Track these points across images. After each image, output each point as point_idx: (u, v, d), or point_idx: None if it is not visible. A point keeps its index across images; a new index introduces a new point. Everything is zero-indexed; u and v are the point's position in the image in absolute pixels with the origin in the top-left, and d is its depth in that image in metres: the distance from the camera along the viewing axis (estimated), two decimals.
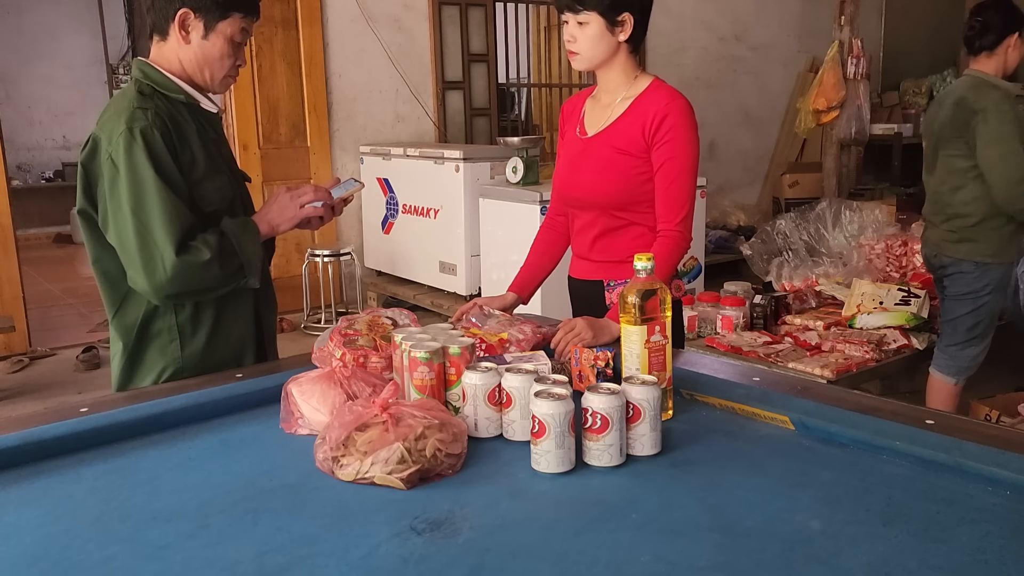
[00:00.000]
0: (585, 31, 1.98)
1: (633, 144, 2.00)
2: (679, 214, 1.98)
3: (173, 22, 1.75)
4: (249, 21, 1.80)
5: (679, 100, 2.01)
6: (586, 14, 1.96)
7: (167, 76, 1.79)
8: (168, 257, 1.66)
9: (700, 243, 5.41)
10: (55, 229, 10.11)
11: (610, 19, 1.96)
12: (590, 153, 2.06)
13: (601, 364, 1.57)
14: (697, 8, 7.64)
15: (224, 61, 1.79)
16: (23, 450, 1.32)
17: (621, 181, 2.01)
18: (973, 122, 2.97)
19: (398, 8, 6.11)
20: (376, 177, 5.75)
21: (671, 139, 1.96)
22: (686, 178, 1.98)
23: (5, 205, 5.15)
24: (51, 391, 4.59)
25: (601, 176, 2.04)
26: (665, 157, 1.97)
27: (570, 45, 2.02)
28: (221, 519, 1.14)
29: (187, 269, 1.68)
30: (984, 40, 3.08)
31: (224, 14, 1.75)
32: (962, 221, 3.09)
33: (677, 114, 1.97)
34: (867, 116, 6.49)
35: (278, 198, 1.85)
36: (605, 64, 2.03)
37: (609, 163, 2.02)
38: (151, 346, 1.81)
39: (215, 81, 1.81)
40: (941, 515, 1.10)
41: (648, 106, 2.00)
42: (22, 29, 9.92)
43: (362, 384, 1.47)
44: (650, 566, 1.00)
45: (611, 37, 1.98)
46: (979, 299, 3.13)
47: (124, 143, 1.67)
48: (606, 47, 1.99)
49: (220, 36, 1.76)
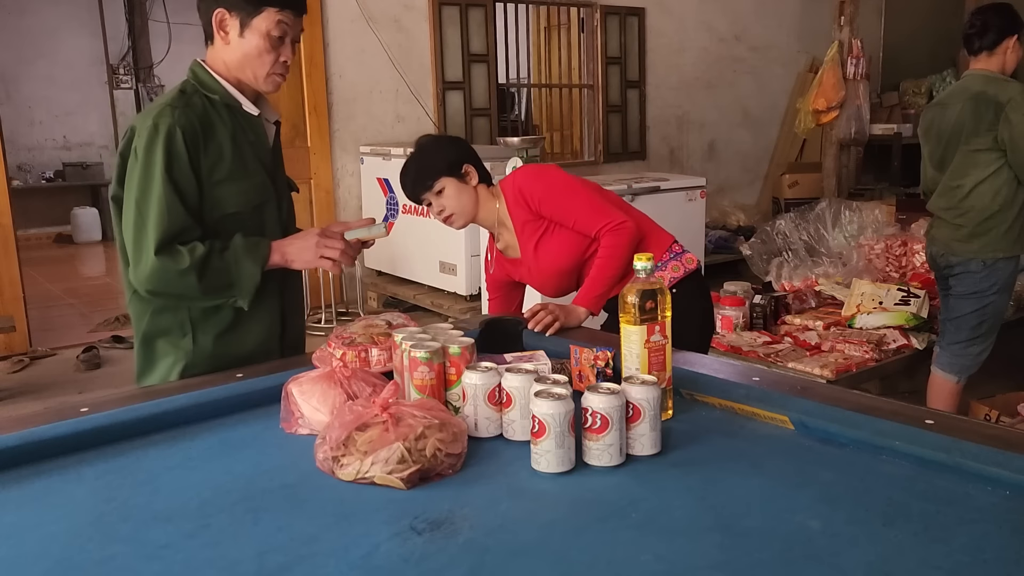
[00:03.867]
0: (445, 196, 2.22)
1: (538, 225, 2.24)
2: (598, 216, 2.19)
3: (213, 24, 1.77)
4: (288, 15, 1.77)
5: (517, 173, 2.31)
6: (438, 183, 2.20)
7: (213, 76, 1.80)
8: (149, 254, 1.69)
9: (700, 243, 5.41)
10: (55, 229, 10.11)
11: (457, 175, 2.22)
12: (533, 262, 2.29)
13: (601, 364, 1.57)
14: (697, 8, 7.64)
15: (264, 58, 1.77)
16: (23, 450, 1.32)
17: (564, 249, 2.24)
18: (1004, 113, 2.98)
19: (398, 8, 6.11)
20: (376, 177, 5.75)
21: (537, 194, 2.22)
22: (575, 197, 2.22)
23: (5, 205, 5.15)
24: (51, 391, 4.59)
25: (552, 263, 2.26)
26: (550, 207, 2.22)
27: (443, 214, 2.24)
28: (221, 519, 1.14)
29: (162, 271, 1.70)
30: (984, 40, 3.09)
31: (256, 9, 1.74)
32: (977, 215, 3.09)
33: (523, 181, 2.26)
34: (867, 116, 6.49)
35: (306, 237, 1.82)
36: (476, 208, 2.26)
37: (546, 252, 2.25)
38: (163, 337, 1.84)
39: (259, 80, 1.80)
40: (941, 515, 1.10)
41: (511, 200, 2.26)
42: (22, 29, 9.92)
43: (362, 384, 1.47)
44: (650, 566, 1.01)
45: (467, 187, 2.24)
46: (985, 298, 3.14)
47: (147, 137, 1.70)
48: (468, 196, 2.24)
49: (255, 32, 1.75)
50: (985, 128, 3.04)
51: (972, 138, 3.09)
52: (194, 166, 1.73)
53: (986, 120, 3.03)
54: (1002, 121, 2.99)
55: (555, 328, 1.94)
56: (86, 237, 10.03)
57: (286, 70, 1.82)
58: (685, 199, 5.19)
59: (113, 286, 8.00)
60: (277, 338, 1.91)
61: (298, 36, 1.83)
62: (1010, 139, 2.99)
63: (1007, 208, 3.06)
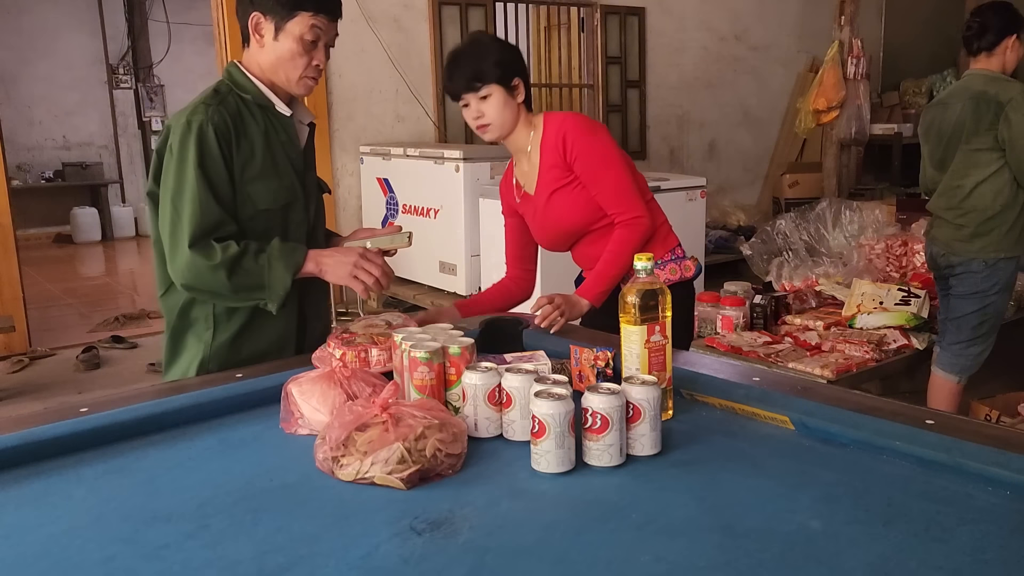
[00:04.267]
0: (490, 103, 2.15)
1: (562, 174, 2.18)
2: (625, 201, 2.16)
3: (249, 27, 1.80)
4: (322, 19, 1.78)
5: (568, 116, 2.21)
6: (486, 88, 2.13)
7: (247, 77, 1.83)
8: (183, 248, 1.72)
9: (700, 243, 5.41)
10: (55, 229, 10.11)
11: (507, 86, 2.14)
12: (541, 205, 2.25)
13: (601, 364, 1.57)
14: (697, 8, 7.64)
15: (296, 61, 1.79)
16: (23, 450, 1.32)
17: (578, 208, 2.19)
18: (1005, 113, 2.98)
19: (398, 8, 6.11)
20: (376, 177, 5.75)
21: (579, 148, 2.15)
22: (612, 170, 2.16)
23: (5, 205, 5.15)
24: (51, 391, 4.59)
25: (561, 216, 2.22)
26: (584, 164, 2.15)
27: (479, 120, 2.17)
28: (221, 519, 1.14)
29: (195, 265, 1.72)
30: (982, 41, 3.09)
31: (290, 13, 1.76)
32: (978, 215, 3.09)
33: (571, 126, 2.16)
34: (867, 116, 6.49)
35: (347, 253, 1.82)
36: (513, 127, 2.20)
37: (559, 202, 2.20)
38: (190, 331, 1.87)
39: (291, 82, 1.82)
40: (941, 515, 1.10)
41: (549, 138, 2.18)
42: (22, 29, 9.92)
43: (362, 384, 1.47)
44: (650, 566, 1.00)
45: (512, 101, 2.16)
46: (986, 298, 3.14)
47: (181, 134, 1.73)
48: (512, 111, 2.17)
49: (289, 36, 1.77)
50: (985, 128, 3.04)
51: (972, 138, 3.09)
52: (227, 163, 1.76)
53: (986, 120, 3.03)
54: (1002, 120, 2.99)
55: (560, 325, 1.95)
56: (86, 237, 10.04)
57: (319, 74, 1.84)
58: (685, 199, 5.19)
59: (113, 286, 8.00)
60: (293, 340, 1.91)
61: (332, 40, 1.84)
62: (1009, 139, 2.99)
63: (1008, 208, 3.06)
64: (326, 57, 1.83)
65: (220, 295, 1.77)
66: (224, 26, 5.39)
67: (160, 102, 10.83)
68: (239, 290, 1.75)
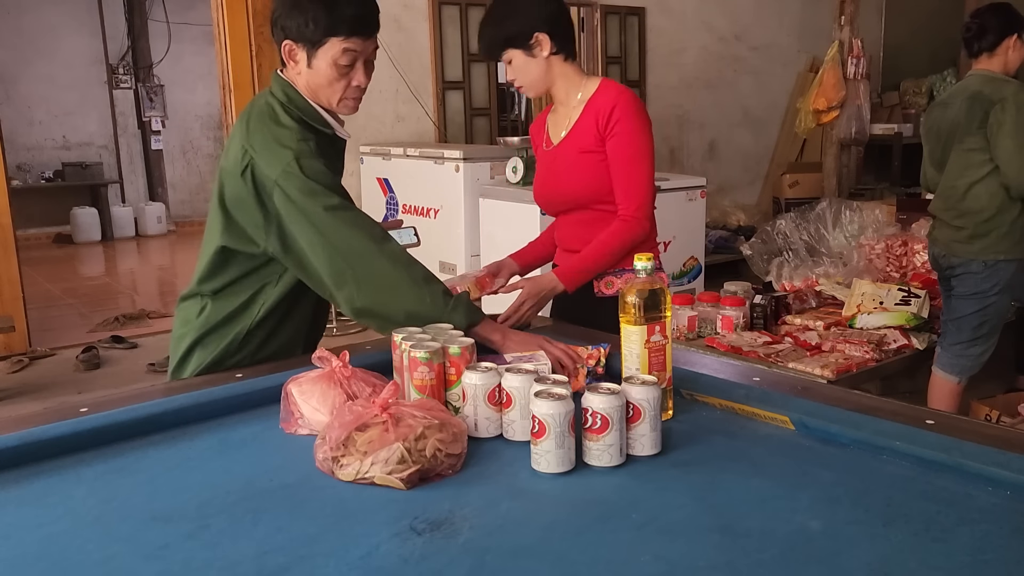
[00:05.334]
0: (514, 67, 2.13)
1: (594, 141, 2.12)
2: (636, 200, 2.12)
3: (283, 55, 1.77)
4: (355, 41, 1.71)
5: (626, 93, 2.13)
6: (505, 54, 2.12)
7: (310, 104, 1.77)
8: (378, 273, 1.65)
9: (700, 243, 5.41)
10: (55, 229, 10.12)
11: (523, 46, 2.10)
12: (559, 160, 2.21)
13: (592, 363, 1.58)
14: (697, 8, 7.64)
15: (334, 86, 1.74)
16: (23, 450, 1.32)
17: (594, 178, 2.14)
18: (992, 113, 2.98)
19: (398, 8, 6.11)
20: (376, 177, 5.75)
21: (620, 129, 2.09)
22: (639, 165, 2.13)
23: (5, 205, 5.15)
24: (51, 391, 4.59)
25: (573, 178, 2.18)
26: (616, 146, 2.10)
27: (512, 81, 2.17)
28: (221, 519, 1.14)
29: (392, 280, 1.65)
30: (982, 42, 3.09)
31: (321, 41, 1.71)
32: (976, 217, 3.09)
33: (624, 105, 2.09)
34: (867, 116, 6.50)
35: (534, 337, 1.70)
36: (549, 83, 2.16)
37: (577, 165, 2.16)
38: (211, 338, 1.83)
39: (333, 105, 1.78)
40: (941, 515, 1.10)
41: (599, 104, 2.12)
42: (22, 29, 9.92)
43: (362, 384, 1.47)
44: (650, 566, 1.00)
45: (535, 59, 2.12)
46: (986, 299, 3.13)
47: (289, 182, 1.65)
48: (537, 69, 2.13)
49: (323, 62, 1.72)
50: (976, 127, 3.04)
51: (966, 137, 3.09)
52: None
53: (977, 119, 3.04)
54: (991, 119, 2.99)
55: (531, 316, 1.99)
56: (85, 237, 10.04)
57: (361, 93, 1.79)
58: (685, 199, 5.19)
59: (113, 286, 8.00)
60: (303, 339, 1.91)
61: (372, 55, 1.77)
62: (994, 138, 2.99)
63: (1005, 210, 3.05)
64: (368, 73, 1.77)
65: (393, 320, 1.64)
66: (224, 26, 5.38)
67: (160, 102, 10.83)
68: (415, 318, 1.63)
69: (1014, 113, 2.96)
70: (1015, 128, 2.95)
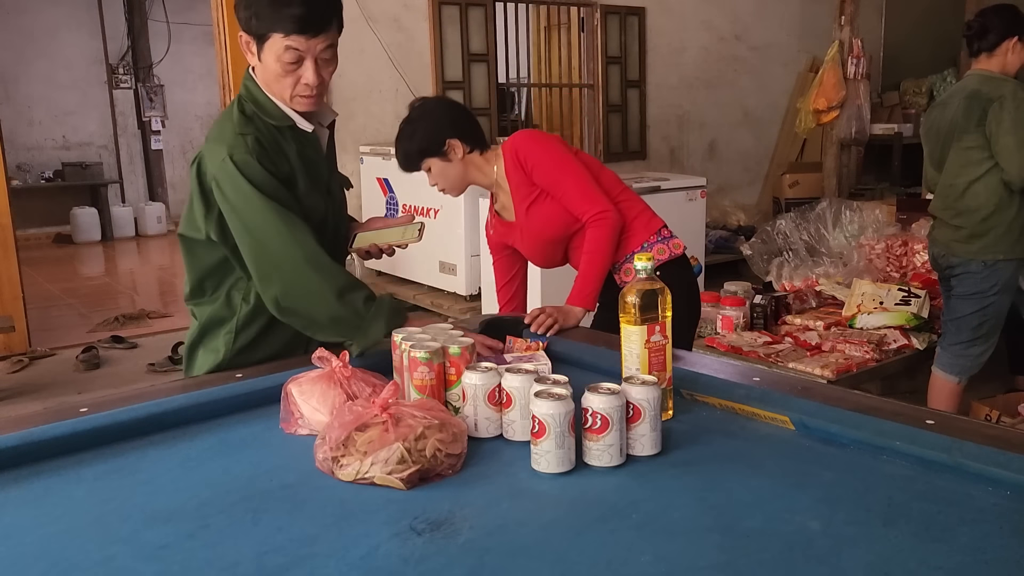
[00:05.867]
0: (434, 173, 2.26)
1: (531, 190, 2.25)
2: (586, 202, 2.21)
3: (241, 47, 1.76)
4: (297, 39, 1.67)
5: (515, 137, 2.29)
6: (423, 164, 2.24)
7: (267, 96, 1.77)
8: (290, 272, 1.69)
9: (700, 243, 5.41)
10: (55, 229, 10.11)
11: (438, 154, 2.23)
12: (522, 226, 2.32)
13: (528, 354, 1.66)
14: (697, 8, 7.64)
15: (282, 82, 1.73)
16: (23, 450, 1.32)
17: (555, 218, 2.25)
18: (990, 111, 2.98)
19: (398, 8, 6.11)
20: (376, 177, 5.75)
21: (531, 163, 2.22)
22: (566, 175, 2.23)
23: (5, 205, 5.14)
24: (51, 391, 4.59)
25: (543, 228, 2.28)
26: (540, 176, 2.23)
27: (437, 188, 2.30)
28: (221, 519, 1.14)
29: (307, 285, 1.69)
30: (983, 42, 3.09)
31: (264, 36, 1.70)
32: (974, 216, 3.09)
33: (519, 145, 2.24)
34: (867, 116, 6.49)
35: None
36: (468, 179, 2.29)
37: (537, 215, 2.27)
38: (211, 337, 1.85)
39: (287, 100, 1.77)
40: (941, 515, 1.10)
41: (508, 164, 2.26)
42: (22, 29, 9.92)
43: (362, 384, 1.47)
44: (650, 566, 1.00)
45: (451, 163, 2.24)
46: (986, 299, 3.13)
47: (228, 178, 1.69)
48: (455, 170, 2.26)
49: (269, 56, 1.71)
50: (974, 125, 3.04)
51: (964, 136, 3.09)
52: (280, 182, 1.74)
53: (975, 117, 3.04)
54: (989, 116, 2.99)
55: (555, 330, 1.96)
56: (85, 237, 10.04)
57: (312, 91, 1.75)
58: (685, 199, 5.19)
59: (113, 286, 8.00)
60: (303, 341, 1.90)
61: (324, 54, 1.73)
62: (994, 135, 2.99)
63: (1003, 209, 3.05)
64: (322, 71, 1.74)
65: (315, 323, 1.73)
66: (224, 26, 5.39)
67: (160, 102, 10.83)
68: (336, 323, 1.71)
69: (1012, 110, 2.96)
70: (1014, 124, 2.95)
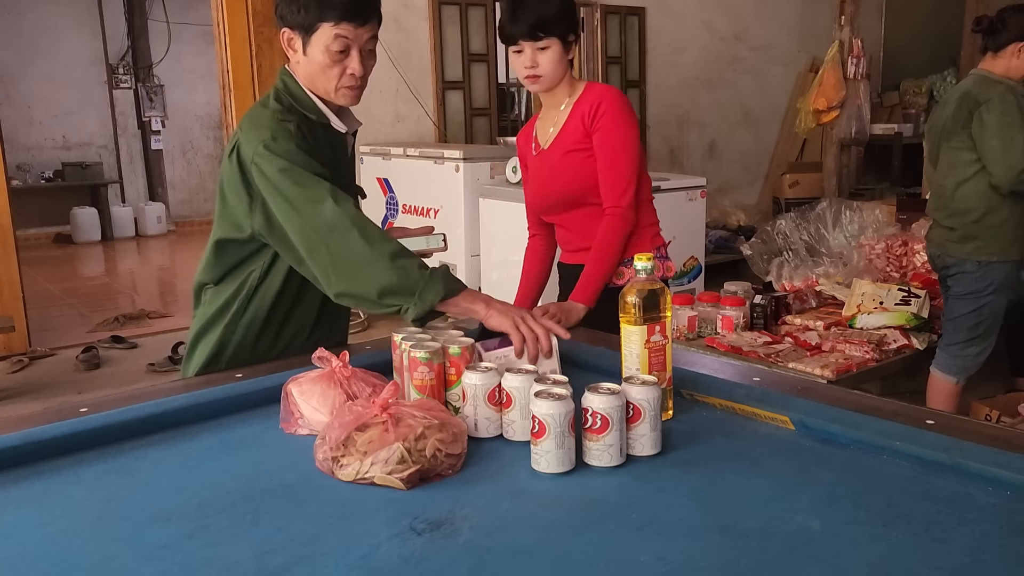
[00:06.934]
0: (546, 55, 2.13)
1: (583, 140, 2.17)
2: (618, 190, 2.16)
3: (283, 43, 1.78)
4: (346, 27, 1.70)
5: (610, 90, 2.20)
6: (548, 39, 2.11)
7: (305, 92, 1.79)
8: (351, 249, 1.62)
9: (700, 243, 5.41)
10: (55, 229, 10.12)
11: (566, 41, 2.14)
12: (550, 162, 2.24)
13: None
14: (697, 8, 7.64)
15: (328, 72, 1.74)
16: (23, 450, 1.32)
17: (586, 175, 2.18)
18: (976, 113, 2.98)
19: (398, 8, 6.11)
20: (376, 177, 5.75)
21: (605, 124, 2.14)
22: (624, 157, 2.16)
23: (5, 205, 5.15)
24: (51, 391, 4.59)
25: (567, 178, 2.22)
26: (602, 139, 2.15)
27: (531, 71, 2.15)
28: (221, 519, 1.14)
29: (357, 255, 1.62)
30: (991, 40, 3.07)
31: (312, 27, 1.72)
32: (965, 217, 3.09)
33: (609, 101, 2.15)
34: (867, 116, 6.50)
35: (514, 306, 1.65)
36: (559, 83, 2.19)
37: (569, 164, 2.20)
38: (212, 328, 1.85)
39: (330, 94, 1.78)
40: (941, 515, 1.10)
41: (585, 103, 2.18)
42: (22, 29, 9.92)
43: (362, 384, 1.47)
44: (650, 566, 1.00)
45: (564, 57, 2.16)
46: (981, 298, 3.13)
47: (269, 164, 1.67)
48: (564, 67, 2.17)
49: (316, 49, 1.73)
50: (961, 126, 3.04)
51: (952, 137, 3.09)
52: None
53: (962, 118, 3.04)
54: (975, 119, 2.98)
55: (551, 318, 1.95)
56: (85, 237, 10.04)
57: (357, 82, 1.77)
58: (685, 199, 5.19)
59: (113, 286, 8.00)
60: (300, 345, 1.90)
61: (369, 45, 1.76)
62: (979, 138, 2.99)
63: (995, 211, 3.04)
64: (366, 62, 1.76)
65: (370, 291, 1.62)
66: (224, 26, 5.38)
67: (160, 102, 10.83)
68: (392, 289, 1.60)
69: (999, 113, 2.95)
70: (1000, 127, 2.94)
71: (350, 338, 2.12)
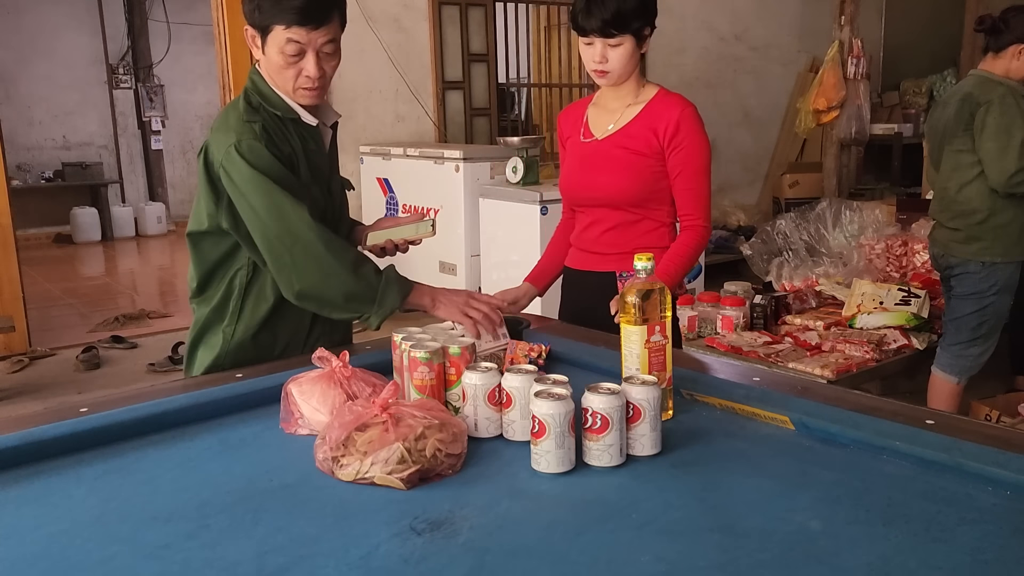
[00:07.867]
0: (618, 51, 2.06)
1: (648, 147, 2.12)
2: (702, 210, 2.15)
3: (247, 41, 1.79)
4: (298, 31, 1.70)
5: (689, 107, 2.16)
6: (623, 36, 2.05)
7: (272, 90, 1.80)
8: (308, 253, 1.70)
9: None
10: (55, 229, 10.11)
11: (639, 37, 2.08)
12: (601, 155, 2.18)
13: (534, 355, 1.62)
14: (697, 8, 7.63)
15: (284, 73, 1.75)
16: (23, 450, 1.32)
17: (638, 180, 2.14)
18: (977, 115, 2.98)
19: (398, 8, 6.11)
20: (376, 177, 5.75)
21: (687, 144, 2.11)
22: (705, 178, 2.16)
23: (5, 205, 5.14)
24: (51, 391, 4.59)
25: (617, 176, 2.16)
26: (684, 161, 2.12)
27: (601, 66, 2.08)
28: (221, 519, 1.14)
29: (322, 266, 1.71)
30: (993, 40, 3.07)
31: (266, 28, 1.72)
32: (968, 219, 3.09)
33: (689, 120, 2.13)
34: (867, 116, 6.49)
35: (458, 292, 1.79)
36: (630, 76, 2.14)
37: (624, 164, 2.14)
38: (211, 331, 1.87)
39: (290, 93, 1.79)
40: (941, 515, 1.10)
41: (661, 113, 2.13)
42: (22, 29, 9.92)
43: (362, 384, 1.47)
44: (650, 566, 1.00)
45: (638, 53, 2.11)
46: (984, 299, 3.13)
47: (236, 166, 1.70)
48: (635, 63, 2.12)
49: (272, 49, 1.74)
50: (963, 128, 3.04)
51: (953, 139, 3.10)
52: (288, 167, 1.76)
53: (964, 120, 3.04)
54: (976, 121, 2.99)
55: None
56: (85, 237, 10.04)
57: (314, 84, 1.77)
58: None
59: (113, 286, 8.00)
60: (301, 342, 1.90)
61: (329, 48, 1.76)
62: (978, 140, 2.99)
63: (999, 212, 3.04)
64: (324, 64, 1.76)
65: (332, 299, 1.74)
66: (224, 26, 5.39)
67: (160, 102, 10.83)
68: (353, 297, 1.72)
69: (997, 115, 2.95)
70: (997, 130, 2.95)
71: (353, 338, 2.12)
